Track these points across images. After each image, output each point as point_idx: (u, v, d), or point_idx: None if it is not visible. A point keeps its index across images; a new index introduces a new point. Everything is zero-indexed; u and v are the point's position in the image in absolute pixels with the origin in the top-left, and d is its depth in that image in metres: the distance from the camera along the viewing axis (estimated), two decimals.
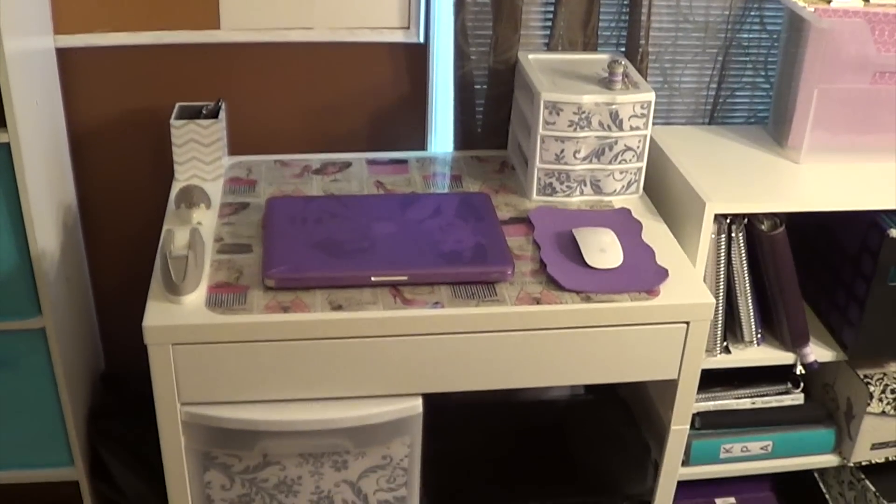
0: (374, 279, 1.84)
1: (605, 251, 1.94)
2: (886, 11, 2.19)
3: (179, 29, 2.26)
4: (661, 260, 1.96)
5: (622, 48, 2.39)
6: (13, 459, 2.26)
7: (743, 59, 2.49)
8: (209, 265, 1.89)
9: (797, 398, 2.36)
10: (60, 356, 2.13)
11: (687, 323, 1.88)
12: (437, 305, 1.81)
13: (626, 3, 2.35)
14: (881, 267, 2.10)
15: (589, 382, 1.97)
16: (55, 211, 2.17)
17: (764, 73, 2.50)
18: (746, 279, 2.15)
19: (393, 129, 2.44)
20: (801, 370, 2.24)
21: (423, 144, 2.48)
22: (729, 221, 2.09)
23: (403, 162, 2.31)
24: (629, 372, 1.93)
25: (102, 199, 2.41)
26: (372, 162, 2.31)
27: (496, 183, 2.24)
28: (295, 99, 2.38)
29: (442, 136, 2.46)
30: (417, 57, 2.38)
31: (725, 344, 2.20)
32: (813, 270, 2.31)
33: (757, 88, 2.52)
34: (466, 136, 2.39)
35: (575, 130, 2.08)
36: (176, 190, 2.11)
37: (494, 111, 2.36)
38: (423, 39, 2.35)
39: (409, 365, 1.84)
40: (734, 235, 2.10)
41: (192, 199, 2.01)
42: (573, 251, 1.96)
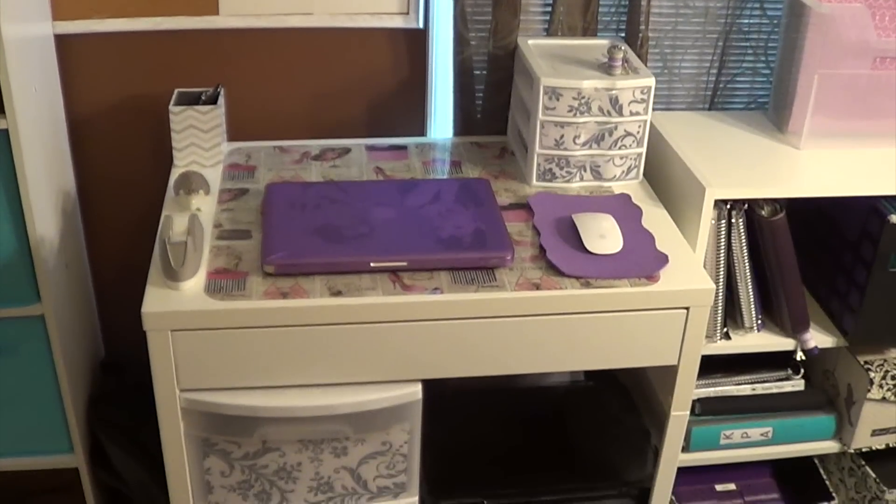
0: (373, 265, 1.83)
1: (604, 237, 1.94)
2: None
3: (178, 15, 2.26)
4: (661, 245, 1.96)
5: (622, 33, 2.38)
6: (13, 447, 2.26)
7: (743, 44, 2.48)
8: (208, 251, 1.89)
9: (797, 384, 2.36)
10: (60, 343, 2.13)
11: (687, 309, 1.88)
12: (436, 291, 1.80)
13: None
14: (881, 253, 2.10)
15: (588, 368, 1.97)
16: (54, 197, 2.17)
17: (764, 58, 2.49)
18: (746, 265, 2.15)
19: (392, 114, 2.44)
20: (801, 356, 2.24)
21: (422, 130, 2.47)
22: (729, 207, 2.09)
23: (403, 148, 2.31)
24: (629, 358, 1.93)
25: (101, 185, 2.41)
26: (371, 148, 2.30)
27: (496, 169, 2.23)
28: (294, 85, 2.37)
29: (441, 121, 2.45)
30: (417, 42, 2.37)
31: (726, 330, 2.20)
32: (813, 256, 2.30)
33: (757, 74, 2.51)
34: (466, 121, 2.38)
35: (575, 116, 2.08)
36: (175, 176, 2.10)
37: (494, 97, 2.35)
38: (422, 25, 2.35)
39: (408, 351, 1.84)
40: (734, 221, 2.10)
41: (190, 185, 2.01)
42: (573, 237, 1.95)
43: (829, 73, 2.17)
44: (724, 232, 2.10)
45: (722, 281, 2.15)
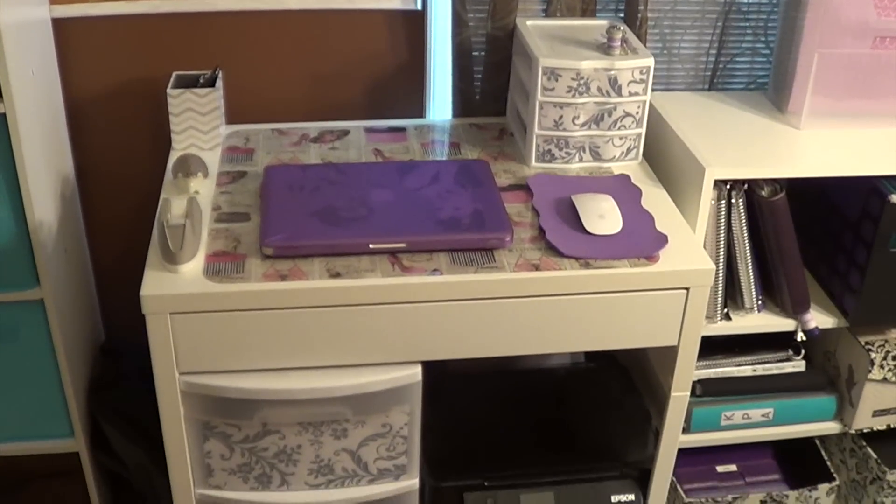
0: (372, 246, 1.83)
1: (604, 217, 1.93)
2: None
3: None
4: (660, 226, 1.95)
5: (621, 14, 2.37)
6: (13, 431, 2.26)
7: (742, 24, 2.47)
8: (207, 234, 1.88)
9: (798, 365, 2.36)
10: (59, 327, 2.13)
11: (687, 289, 1.88)
12: (435, 272, 1.80)
13: None
14: (882, 233, 2.10)
15: (588, 349, 1.97)
16: (53, 182, 2.16)
17: (764, 38, 2.48)
18: (747, 245, 2.14)
19: (391, 96, 2.43)
20: (802, 337, 2.24)
21: (421, 112, 2.47)
22: (729, 187, 2.08)
23: (402, 130, 2.30)
24: (629, 338, 1.93)
25: (100, 169, 2.41)
26: (370, 130, 2.30)
27: (495, 150, 2.23)
28: (292, 67, 2.37)
29: (440, 103, 2.44)
30: (415, 24, 2.37)
31: (726, 311, 2.20)
32: (813, 237, 2.30)
33: (757, 54, 2.51)
34: (465, 103, 2.38)
35: (574, 96, 2.07)
36: (173, 159, 2.10)
37: (493, 78, 2.35)
38: (420, 6, 2.34)
39: (407, 332, 1.83)
40: (734, 201, 2.09)
41: (189, 168, 2.00)
42: (572, 218, 1.95)
43: (828, 52, 2.16)
44: (723, 212, 2.10)
45: (722, 261, 2.14)
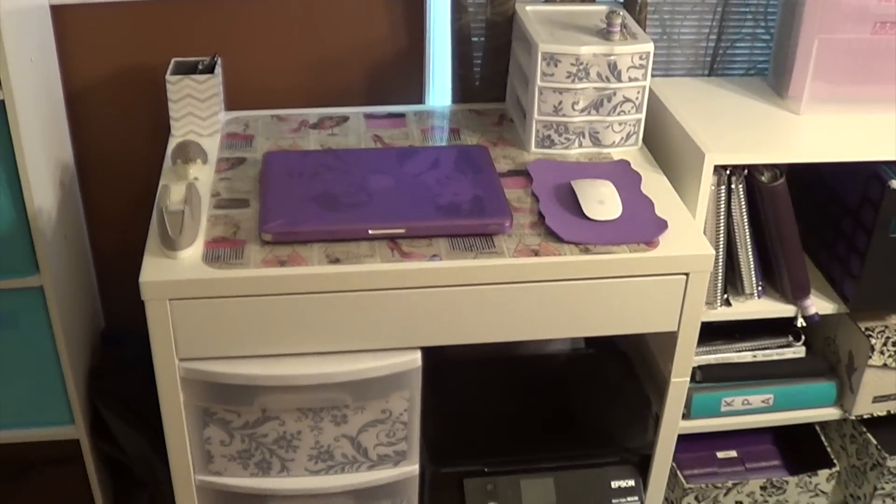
0: (371, 232, 1.83)
1: (603, 203, 1.93)
2: None
3: None
4: (660, 211, 1.95)
5: None
6: (13, 418, 2.26)
7: (742, 9, 2.47)
8: (206, 220, 1.88)
9: (798, 351, 2.36)
10: (59, 314, 2.13)
11: (686, 274, 1.88)
12: (434, 258, 1.80)
13: None
14: (882, 218, 2.10)
15: (588, 335, 1.97)
16: (52, 168, 2.16)
17: (764, 23, 2.48)
18: (746, 231, 2.14)
19: (390, 82, 2.43)
20: (802, 323, 2.23)
21: (420, 98, 2.46)
22: (729, 173, 2.08)
23: (401, 116, 2.30)
24: (628, 324, 1.93)
25: (99, 155, 2.40)
26: (369, 116, 2.29)
27: (494, 136, 2.23)
28: (291, 53, 2.36)
29: (440, 89, 2.44)
30: (414, 9, 2.36)
31: (726, 296, 2.20)
32: (813, 223, 2.30)
33: (757, 39, 2.50)
34: (464, 89, 2.37)
35: (573, 82, 2.07)
36: (172, 146, 2.10)
37: (492, 64, 2.34)
38: None
39: (407, 318, 1.83)
40: (734, 187, 2.09)
41: (188, 154, 2.00)
42: (572, 203, 1.95)
43: (829, 38, 2.16)
44: (723, 198, 2.10)
45: (722, 247, 2.14)
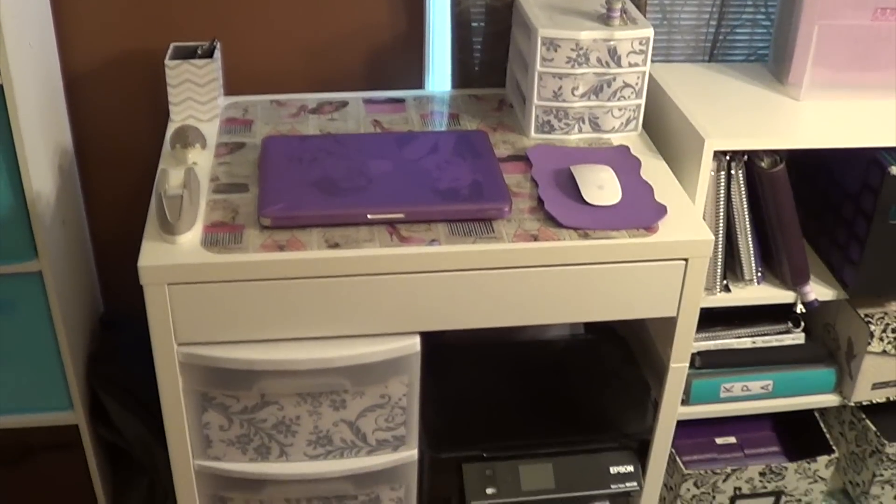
0: (370, 217, 1.82)
1: (603, 188, 1.93)
2: None
3: None
4: (659, 197, 1.95)
5: None
6: (12, 404, 2.26)
7: None
8: (205, 205, 1.88)
9: (798, 337, 2.37)
10: (58, 299, 2.13)
11: (686, 260, 1.87)
12: (433, 243, 1.80)
13: None
14: (882, 205, 2.10)
15: (587, 320, 1.96)
16: (50, 153, 2.16)
17: (764, 9, 2.47)
18: (746, 217, 2.14)
19: (390, 67, 2.42)
20: (801, 309, 2.23)
21: (420, 83, 2.46)
22: (728, 158, 2.08)
23: (401, 101, 2.30)
24: (628, 309, 1.93)
25: (98, 140, 2.40)
26: (369, 101, 2.29)
27: (494, 121, 2.22)
28: (291, 38, 2.36)
29: (439, 74, 2.44)
30: None
31: (725, 282, 2.20)
32: (813, 209, 2.30)
33: (757, 25, 2.50)
34: (464, 74, 2.37)
35: (573, 67, 2.06)
36: (171, 130, 2.09)
37: (492, 49, 2.34)
38: None
39: (406, 303, 1.83)
40: (734, 173, 2.09)
41: (187, 139, 2.00)
42: (571, 188, 1.94)
43: (829, 24, 2.16)
44: (723, 183, 2.10)
45: (721, 233, 2.14)
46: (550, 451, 2.10)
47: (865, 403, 2.38)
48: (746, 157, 2.10)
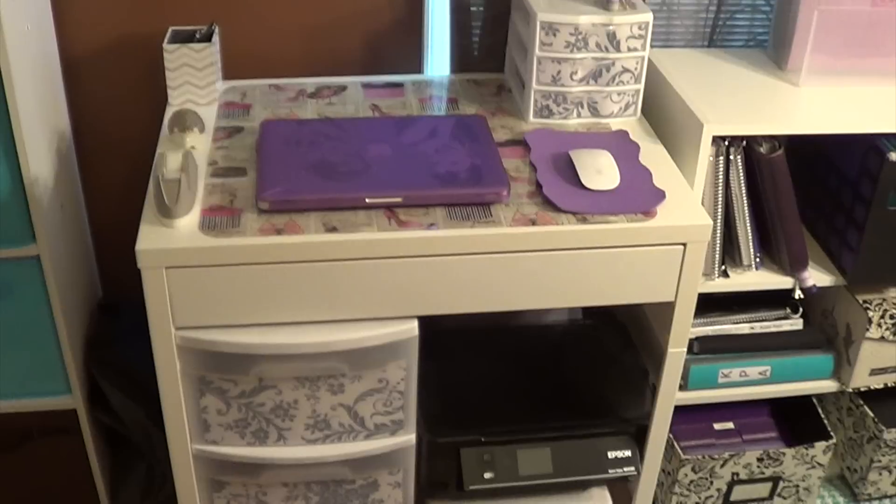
0: (368, 201, 1.82)
1: (601, 172, 1.92)
2: None
3: None
4: (658, 182, 1.95)
5: None
6: (10, 388, 2.26)
7: None
8: (202, 189, 1.88)
9: (796, 323, 2.37)
10: (56, 284, 2.12)
11: (684, 244, 1.87)
12: (432, 227, 1.79)
13: None
14: (881, 191, 2.10)
15: (585, 304, 1.96)
16: (48, 137, 2.15)
17: None
18: (745, 202, 2.14)
19: (389, 52, 2.42)
20: (799, 295, 2.23)
21: (419, 68, 2.45)
22: (727, 144, 2.08)
23: (399, 85, 2.29)
24: (626, 294, 1.92)
25: (96, 124, 2.39)
26: (367, 85, 2.29)
27: (493, 106, 2.22)
28: (289, 22, 2.35)
29: (438, 59, 2.43)
30: None
31: (724, 268, 2.20)
32: (812, 195, 2.30)
33: (757, 11, 2.49)
34: (463, 58, 2.36)
35: (572, 52, 2.06)
36: (169, 114, 2.09)
37: (491, 33, 2.33)
38: None
39: (403, 287, 1.83)
40: (732, 158, 2.09)
41: (185, 123, 2.00)
42: (570, 173, 1.94)
43: (829, 9, 2.15)
44: (722, 169, 2.09)
45: (720, 218, 2.14)
46: (548, 435, 2.11)
47: (863, 389, 2.38)
48: (745, 142, 2.10)
